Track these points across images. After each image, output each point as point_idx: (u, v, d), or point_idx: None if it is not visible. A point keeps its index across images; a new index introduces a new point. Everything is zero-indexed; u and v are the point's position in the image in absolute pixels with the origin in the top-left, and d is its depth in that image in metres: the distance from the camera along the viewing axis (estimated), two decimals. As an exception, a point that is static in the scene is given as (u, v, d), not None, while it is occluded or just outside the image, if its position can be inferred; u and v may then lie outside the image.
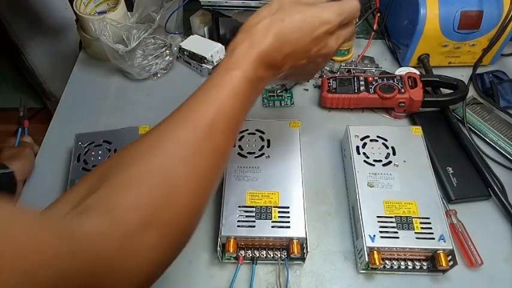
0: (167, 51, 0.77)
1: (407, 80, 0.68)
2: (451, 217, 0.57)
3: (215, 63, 0.76)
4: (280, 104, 0.73)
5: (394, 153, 0.59)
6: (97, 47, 0.75)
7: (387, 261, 0.52)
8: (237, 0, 0.69)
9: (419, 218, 0.52)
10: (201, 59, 0.76)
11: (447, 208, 0.58)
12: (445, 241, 0.50)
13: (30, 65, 1.36)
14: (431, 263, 0.52)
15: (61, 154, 0.67)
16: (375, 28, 0.79)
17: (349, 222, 0.59)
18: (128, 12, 0.77)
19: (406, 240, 0.51)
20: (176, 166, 0.35)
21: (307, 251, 0.52)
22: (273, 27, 0.39)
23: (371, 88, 0.68)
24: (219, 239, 0.51)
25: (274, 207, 0.53)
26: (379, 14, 0.78)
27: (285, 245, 0.53)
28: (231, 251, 0.51)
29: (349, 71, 0.76)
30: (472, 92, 0.73)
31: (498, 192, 0.58)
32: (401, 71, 0.74)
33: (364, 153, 0.59)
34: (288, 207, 0.53)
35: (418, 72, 0.73)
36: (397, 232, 0.51)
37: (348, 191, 0.61)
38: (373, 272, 0.54)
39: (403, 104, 0.68)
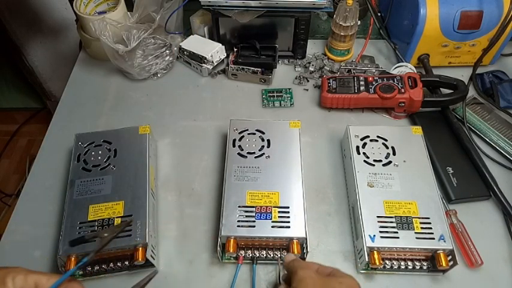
0: (167, 51, 0.77)
1: (407, 80, 0.68)
2: (451, 217, 0.57)
3: (215, 63, 0.76)
4: (280, 104, 0.73)
5: (394, 153, 0.59)
6: (97, 47, 0.75)
7: (387, 261, 0.52)
8: (237, 0, 0.69)
9: (419, 218, 0.52)
10: (201, 59, 0.76)
11: (447, 208, 0.58)
12: (445, 241, 0.50)
13: (30, 65, 1.36)
14: (431, 263, 0.52)
15: (61, 154, 0.67)
16: (370, 29, 0.79)
17: (349, 222, 0.59)
18: (128, 12, 0.77)
19: (406, 240, 0.51)
20: None
21: (307, 251, 0.52)
22: None
23: (371, 88, 0.68)
24: (219, 239, 0.51)
25: (274, 207, 0.53)
26: (380, 14, 0.78)
27: (285, 245, 0.53)
28: (231, 251, 0.51)
29: (349, 71, 0.76)
30: (472, 92, 0.73)
31: (498, 192, 0.58)
32: (398, 66, 0.74)
33: (364, 153, 0.59)
34: (288, 207, 0.53)
35: (413, 68, 0.73)
36: (397, 232, 0.51)
37: (348, 191, 0.61)
38: (373, 272, 0.54)
39: (403, 104, 0.68)
